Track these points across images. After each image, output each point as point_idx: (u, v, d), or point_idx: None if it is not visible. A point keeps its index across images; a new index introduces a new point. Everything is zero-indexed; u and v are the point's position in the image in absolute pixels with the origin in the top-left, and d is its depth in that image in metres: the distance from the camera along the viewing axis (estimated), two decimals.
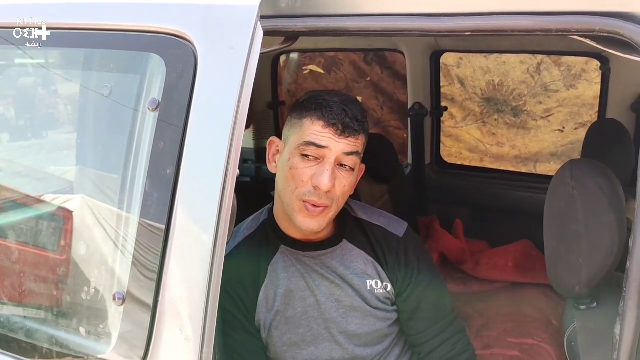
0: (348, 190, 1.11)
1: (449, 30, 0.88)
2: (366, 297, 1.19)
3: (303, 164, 1.07)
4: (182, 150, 0.90)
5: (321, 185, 1.04)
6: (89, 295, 1.00)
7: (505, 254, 2.12)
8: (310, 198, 1.07)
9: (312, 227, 1.10)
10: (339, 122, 1.05)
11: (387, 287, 1.20)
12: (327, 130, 1.06)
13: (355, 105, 1.10)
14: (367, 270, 1.20)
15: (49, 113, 1.17)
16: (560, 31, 0.82)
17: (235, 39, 0.90)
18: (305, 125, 1.07)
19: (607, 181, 1.06)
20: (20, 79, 1.18)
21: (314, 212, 1.08)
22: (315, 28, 0.93)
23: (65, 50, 1.04)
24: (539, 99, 3.07)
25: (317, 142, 1.06)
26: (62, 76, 1.12)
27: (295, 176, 1.07)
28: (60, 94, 1.14)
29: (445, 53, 2.39)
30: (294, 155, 1.08)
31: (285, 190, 1.10)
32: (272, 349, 1.20)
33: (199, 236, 0.89)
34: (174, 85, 0.92)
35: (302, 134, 1.07)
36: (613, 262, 1.02)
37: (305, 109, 1.09)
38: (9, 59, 1.13)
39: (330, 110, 1.06)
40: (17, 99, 1.22)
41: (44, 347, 1.03)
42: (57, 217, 1.10)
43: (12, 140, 1.25)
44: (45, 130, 1.19)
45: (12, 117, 1.20)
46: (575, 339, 1.09)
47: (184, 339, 0.90)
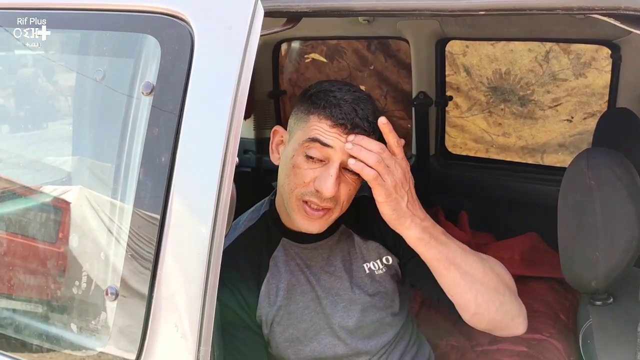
0: (354, 193, 1.07)
1: (461, 9, 0.82)
2: (365, 286, 1.17)
3: (307, 165, 1.02)
4: (177, 136, 0.86)
5: (323, 191, 1.00)
6: (80, 289, 0.95)
7: (511, 246, 2.08)
8: (311, 199, 1.03)
9: (312, 230, 1.07)
10: (348, 122, 0.99)
11: (389, 261, 1.18)
12: (335, 130, 1.00)
13: (368, 103, 1.03)
14: (363, 252, 1.18)
15: (39, 99, 1.12)
16: (582, 9, 0.77)
17: (233, 19, 0.85)
18: (312, 121, 1.02)
19: (626, 171, 1.02)
20: (6, 63, 1.13)
21: (314, 215, 1.04)
22: (319, 8, 0.88)
23: (54, 32, 0.99)
24: (547, 88, 3.02)
25: (322, 139, 1.00)
26: (51, 59, 1.07)
27: (297, 175, 1.03)
28: (49, 78, 1.09)
29: (450, 41, 2.34)
30: (299, 154, 1.03)
31: (285, 187, 1.06)
32: (274, 345, 1.16)
33: (196, 228, 0.85)
34: (169, 68, 0.88)
35: (307, 130, 1.02)
36: (632, 256, 0.99)
37: (313, 104, 1.03)
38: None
39: (340, 109, 1.00)
40: (2, 84, 1.17)
41: (34, 343, 0.99)
42: (50, 209, 1.05)
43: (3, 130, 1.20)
44: (35, 117, 1.13)
45: None
46: (591, 337, 1.05)
47: (181, 335, 0.86)
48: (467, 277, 0.99)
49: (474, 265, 1.00)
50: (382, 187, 0.93)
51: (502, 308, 1.02)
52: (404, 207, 0.96)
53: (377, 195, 0.94)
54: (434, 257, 0.98)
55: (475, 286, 0.99)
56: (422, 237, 0.97)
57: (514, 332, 1.07)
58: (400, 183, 0.95)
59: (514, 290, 1.06)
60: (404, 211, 0.96)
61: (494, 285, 1.01)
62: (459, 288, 1.00)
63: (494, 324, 1.05)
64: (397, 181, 0.94)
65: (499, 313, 1.02)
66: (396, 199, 0.95)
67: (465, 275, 0.99)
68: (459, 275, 0.99)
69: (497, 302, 1.01)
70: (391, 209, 0.95)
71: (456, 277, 0.99)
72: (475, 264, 1.00)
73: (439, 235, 0.99)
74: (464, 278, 0.99)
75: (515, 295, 1.06)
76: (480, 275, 1.00)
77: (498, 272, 1.04)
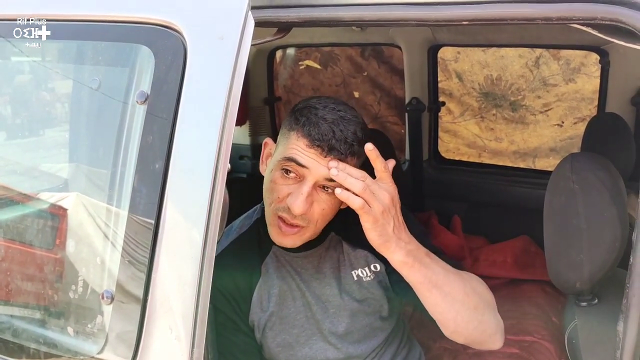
0: (330, 212, 1.06)
1: (445, 19, 0.85)
2: (353, 292, 1.18)
3: (282, 180, 1.03)
4: (171, 144, 0.88)
5: (293, 208, 1.00)
6: (76, 294, 0.97)
7: (504, 250, 2.10)
8: (284, 215, 1.04)
9: (285, 244, 1.08)
10: (324, 144, 0.99)
11: (377, 268, 1.19)
12: (312, 151, 0.99)
13: (349, 124, 1.01)
14: (352, 260, 1.19)
15: (36, 107, 1.14)
16: (561, 19, 0.79)
17: (225, 29, 0.87)
18: (292, 139, 1.02)
19: (609, 175, 1.04)
20: (4, 71, 1.14)
21: (287, 231, 1.05)
22: (309, 18, 0.91)
23: (52, 42, 1.01)
24: (537, 94, 3.05)
25: (298, 159, 1.00)
26: (48, 69, 1.09)
27: (274, 190, 1.04)
28: (46, 87, 1.11)
29: (442, 47, 2.37)
30: (276, 168, 1.04)
31: (265, 200, 1.08)
32: (267, 349, 1.18)
33: (189, 232, 0.87)
34: (163, 77, 0.90)
35: (286, 148, 1.03)
36: (615, 258, 1.00)
37: (296, 120, 1.03)
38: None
39: (318, 128, 0.99)
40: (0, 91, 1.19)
41: (31, 347, 1.01)
42: (47, 216, 1.07)
43: None
44: (31, 125, 1.15)
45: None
46: (576, 336, 1.07)
47: (175, 337, 0.88)
48: (448, 299, 1.00)
49: (455, 286, 1.01)
50: (369, 214, 0.93)
51: (481, 327, 1.04)
52: (390, 231, 0.95)
53: (364, 222, 0.94)
54: (417, 280, 0.99)
55: (456, 307, 1.00)
56: (407, 260, 0.97)
57: (491, 347, 1.08)
58: (387, 208, 0.95)
59: (493, 306, 1.08)
60: (390, 236, 0.95)
61: (474, 304, 1.02)
62: (440, 308, 1.01)
63: (471, 340, 1.06)
64: (383, 207, 0.94)
65: (477, 331, 1.04)
66: (383, 225, 0.94)
67: (446, 296, 1.00)
68: (441, 297, 0.99)
69: (475, 321, 1.02)
70: (377, 234, 0.95)
71: (438, 299, 1.00)
72: (456, 285, 1.01)
73: (422, 258, 0.99)
74: (445, 300, 1.00)
75: (494, 311, 1.07)
76: (461, 296, 1.01)
77: (479, 291, 1.05)
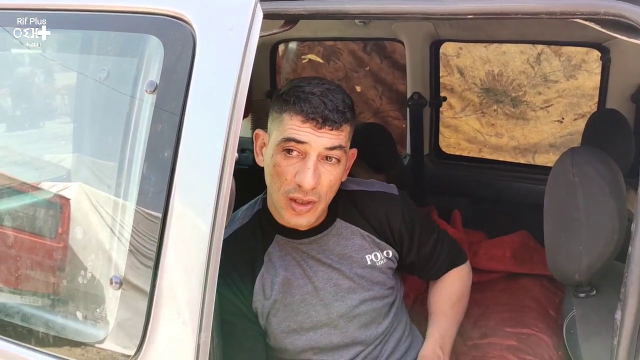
0: (335, 182, 1.10)
1: (450, 13, 0.86)
2: (365, 276, 1.20)
3: (286, 162, 1.06)
4: (179, 133, 0.89)
5: (304, 184, 1.03)
6: (86, 279, 0.99)
7: (502, 244, 2.11)
8: (296, 195, 1.06)
9: (301, 224, 1.10)
10: (318, 116, 1.03)
11: (389, 254, 1.22)
12: (307, 125, 1.03)
13: (337, 94, 1.06)
14: (365, 245, 1.21)
15: (44, 98, 1.15)
16: (564, 14, 0.80)
17: (234, 21, 0.89)
18: (285, 120, 1.05)
19: (608, 169, 1.05)
20: (10, 62, 1.15)
21: (301, 210, 1.08)
22: (315, 11, 0.91)
23: (60, 32, 1.02)
24: (538, 90, 3.06)
25: (296, 137, 1.03)
26: (57, 59, 1.10)
27: (279, 174, 1.06)
28: (55, 77, 1.12)
29: (444, 43, 2.38)
30: (277, 152, 1.06)
31: (271, 187, 1.10)
32: (271, 335, 1.20)
33: (197, 220, 0.88)
34: (172, 67, 0.91)
35: (282, 130, 1.05)
36: (613, 250, 1.02)
37: (284, 102, 1.06)
38: None
39: (309, 103, 1.03)
40: (8, 83, 1.20)
41: (40, 331, 1.02)
42: (55, 204, 1.08)
43: (8, 128, 1.23)
44: (40, 116, 1.16)
45: (5, 103, 1.18)
46: (574, 327, 1.09)
47: (182, 323, 0.89)
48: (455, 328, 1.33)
49: (460, 317, 1.35)
50: None
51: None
52: None
53: None
54: None
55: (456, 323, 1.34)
56: None
57: None
58: None
59: (469, 287, 1.40)
60: None
61: (464, 307, 1.38)
62: None
63: None
64: None
65: None
66: None
67: None
68: None
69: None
70: None
71: None
72: (460, 317, 1.35)
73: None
74: None
75: (469, 289, 1.40)
76: (460, 318, 1.34)
77: (466, 294, 1.38)
